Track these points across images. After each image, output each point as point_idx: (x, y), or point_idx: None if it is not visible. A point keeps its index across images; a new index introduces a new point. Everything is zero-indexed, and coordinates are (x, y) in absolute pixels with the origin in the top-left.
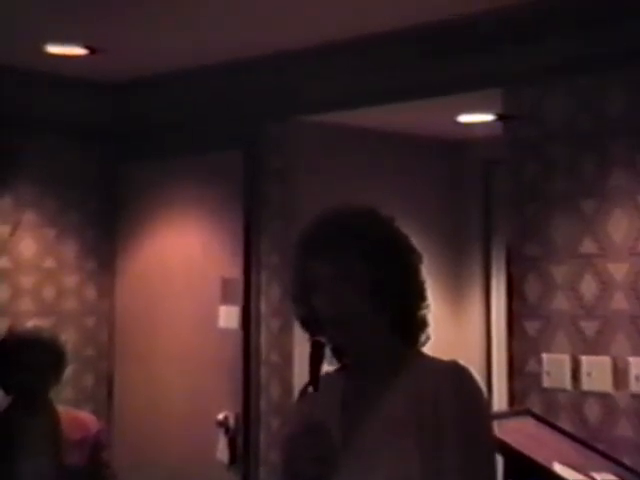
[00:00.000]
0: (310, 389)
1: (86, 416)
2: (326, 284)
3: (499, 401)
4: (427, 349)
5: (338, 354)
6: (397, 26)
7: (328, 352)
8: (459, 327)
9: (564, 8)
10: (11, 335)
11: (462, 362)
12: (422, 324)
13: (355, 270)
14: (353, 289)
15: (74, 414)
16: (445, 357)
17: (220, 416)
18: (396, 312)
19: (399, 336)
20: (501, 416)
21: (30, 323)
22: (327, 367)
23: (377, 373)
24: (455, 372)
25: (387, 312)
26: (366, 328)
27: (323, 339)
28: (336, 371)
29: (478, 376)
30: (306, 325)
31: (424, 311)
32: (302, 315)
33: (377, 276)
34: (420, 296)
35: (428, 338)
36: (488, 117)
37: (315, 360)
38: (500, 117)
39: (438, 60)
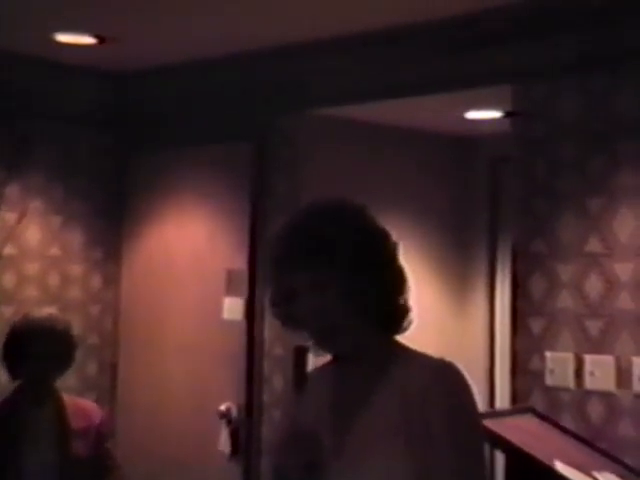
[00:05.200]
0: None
1: (89, 405)
2: (302, 297)
3: (501, 398)
4: (431, 343)
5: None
6: (407, 21)
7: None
8: (463, 323)
9: (575, 5)
10: (25, 321)
11: (448, 359)
12: (404, 311)
13: (330, 280)
14: (330, 299)
15: (78, 403)
16: (449, 353)
17: (223, 407)
18: (377, 308)
19: (382, 327)
20: (503, 414)
21: (44, 310)
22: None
23: (364, 373)
24: (442, 370)
25: (367, 310)
26: (348, 333)
27: (306, 344)
28: (327, 365)
29: (466, 373)
30: (287, 326)
31: (405, 296)
32: (282, 318)
33: (353, 282)
34: (400, 285)
35: (410, 323)
36: (497, 114)
37: (298, 365)
38: (509, 114)
39: (448, 56)
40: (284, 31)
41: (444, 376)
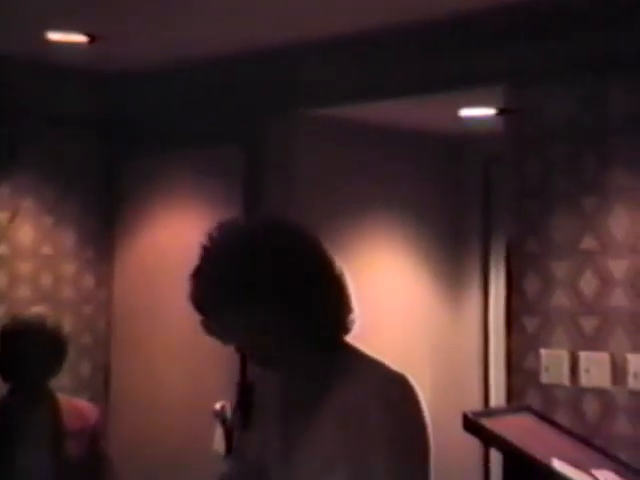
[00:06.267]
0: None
1: (84, 405)
2: (239, 334)
3: (496, 397)
4: (426, 343)
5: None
6: (399, 21)
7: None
8: (457, 322)
9: (567, 6)
10: (14, 322)
11: (400, 372)
12: (346, 315)
13: (259, 319)
14: (268, 336)
15: (73, 403)
16: (443, 352)
17: (217, 406)
18: (316, 327)
19: (324, 338)
20: (500, 412)
21: (33, 310)
22: None
23: (306, 394)
24: (384, 386)
25: (305, 331)
26: (286, 357)
27: (249, 381)
28: (272, 377)
29: (418, 388)
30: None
31: (345, 302)
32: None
33: (284, 314)
34: (339, 295)
35: (353, 322)
36: (490, 111)
37: (244, 404)
38: (501, 112)
39: (441, 55)
40: (275, 32)
41: (385, 392)
